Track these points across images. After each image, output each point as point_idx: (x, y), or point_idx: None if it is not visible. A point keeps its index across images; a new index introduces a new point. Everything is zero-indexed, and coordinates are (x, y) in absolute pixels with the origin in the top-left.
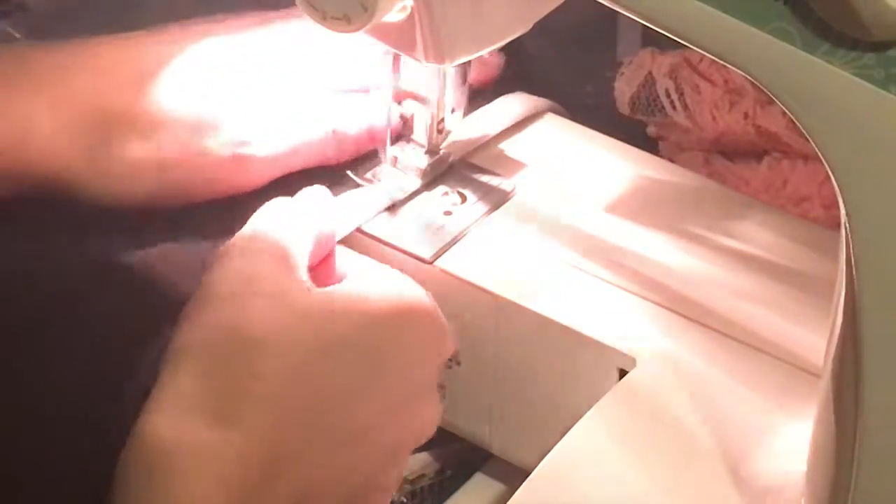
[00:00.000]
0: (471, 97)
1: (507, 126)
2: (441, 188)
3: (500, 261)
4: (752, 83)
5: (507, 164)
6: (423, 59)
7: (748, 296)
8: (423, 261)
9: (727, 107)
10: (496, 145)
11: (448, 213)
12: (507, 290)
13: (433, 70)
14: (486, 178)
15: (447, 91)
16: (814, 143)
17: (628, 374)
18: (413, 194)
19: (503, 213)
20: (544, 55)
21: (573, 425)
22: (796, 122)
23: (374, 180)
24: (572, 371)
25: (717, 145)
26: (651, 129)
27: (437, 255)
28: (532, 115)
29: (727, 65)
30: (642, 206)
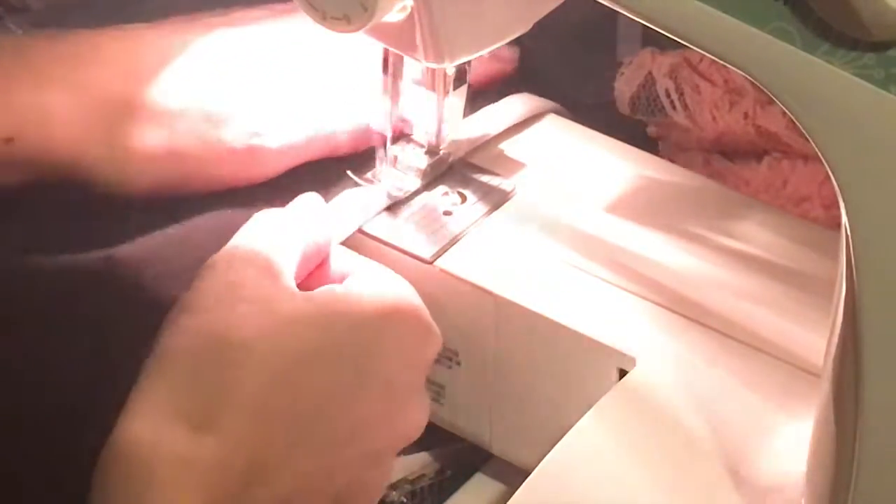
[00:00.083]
0: (475, 96)
1: (508, 127)
2: (441, 188)
3: (500, 261)
4: (752, 83)
5: (507, 164)
6: (423, 59)
7: (748, 296)
8: (423, 261)
9: (727, 107)
10: (496, 145)
11: (448, 213)
12: (507, 290)
13: (433, 70)
14: (486, 178)
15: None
16: (814, 143)
17: (628, 374)
18: (413, 194)
19: (503, 213)
20: (544, 55)
21: (573, 425)
22: (796, 122)
23: (374, 180)
24: (572, 371)
25: (717, 145)
26: (651, 129)
27: (437, 255)
28: (532, 116)
29: (727, 65)
30: (642, 206)
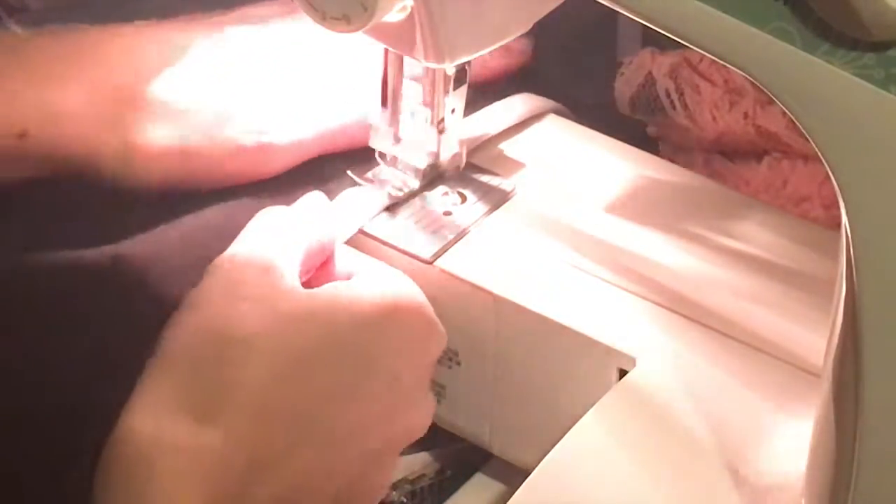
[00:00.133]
0: (484, 92)
1: (508, 126)
2: (441, 188)
3: (500, 261)
4: (752, 83)
5: (507, 164)
6: (423, 59)
7: (748, 296)
8: (423, 261)
9: (727, 107)
10: (496, 145)
11: (448, 213)
12: (507, 290)
13: (433, 70)
14: (486, 178)
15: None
16: (814, 143)
17: (628, 374)
18: (413, 194)
19: (503, 213)
20: (544, 55)
21: (573, 425)
22: (796, 122)
23: (374, 180)
24: (572, 371)
25: (717, 145)
26: (651, 129)
27: (437, 255)
28: (532, 116)
29: (727, 65)
30: (642, 206)
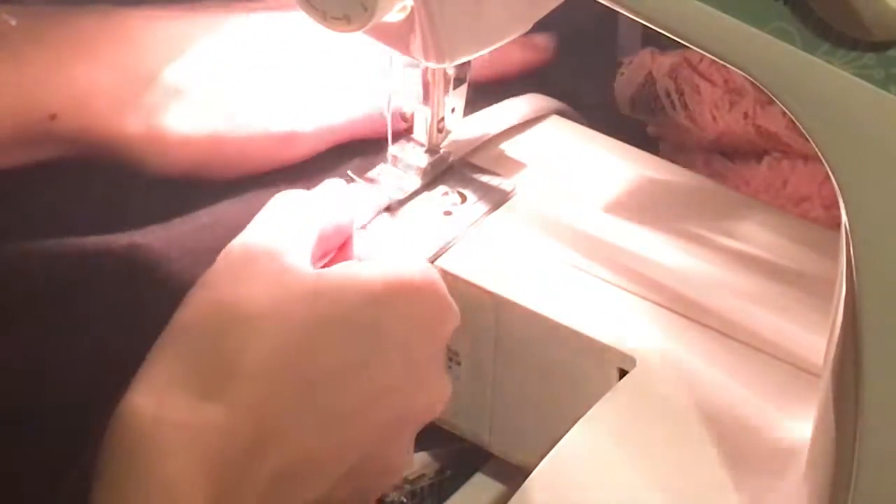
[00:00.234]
0: (480, 95)
1: (509, 126)
2: (441, 188)
3: (500, 261)
4: (752, 83)
5: (507, 164)
6: (423, 59)
7: (748, 296)
8: None
9: (727, 107)
10: (496, 145)
11: (448, 213)
12: (507, 290)
13: (433, 70)
14: (486, 178)
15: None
16: (814, 143)
17: (628, 374)
18: (413, 194)
19: (503, 213)
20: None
21: (573, 425)
22: (796, 122)
23: (374, 180)
24: (572, 371)
25: (717, 145)
26: (651, 129)
27: (438, 255)
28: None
29: (727, 65)
30: (642, 206)
